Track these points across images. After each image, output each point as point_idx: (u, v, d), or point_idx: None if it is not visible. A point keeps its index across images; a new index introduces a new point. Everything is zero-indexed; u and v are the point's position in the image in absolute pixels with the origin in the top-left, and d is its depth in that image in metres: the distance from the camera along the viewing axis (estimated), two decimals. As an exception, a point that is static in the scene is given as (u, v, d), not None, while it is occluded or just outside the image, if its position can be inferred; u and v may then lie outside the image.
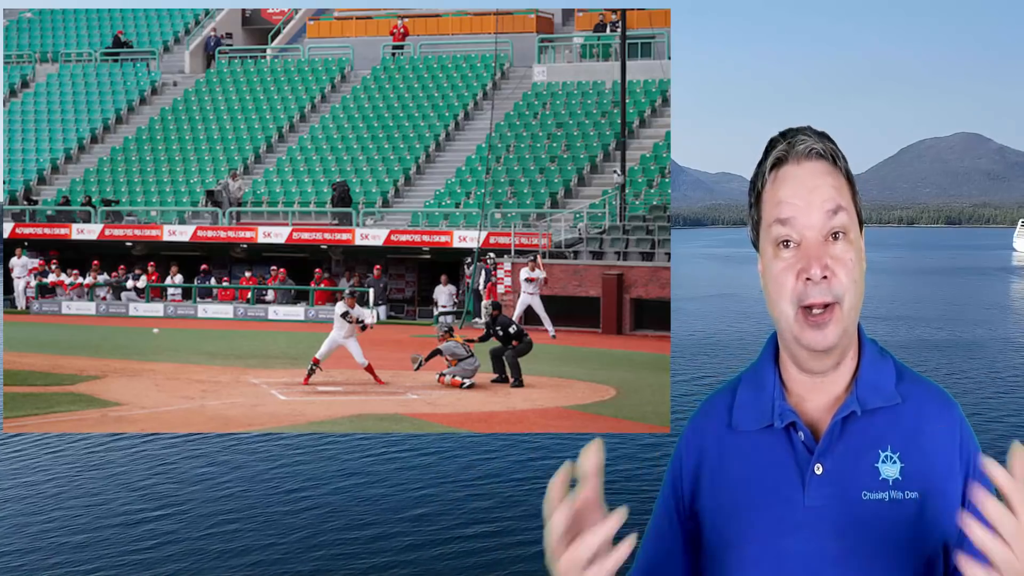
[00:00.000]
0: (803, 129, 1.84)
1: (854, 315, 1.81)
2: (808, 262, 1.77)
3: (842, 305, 1.77)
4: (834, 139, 1.85)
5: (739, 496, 1.86)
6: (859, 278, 1.80)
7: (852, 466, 1.79)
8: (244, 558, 11.60)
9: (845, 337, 1.81)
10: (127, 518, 13.07)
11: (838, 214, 1.78)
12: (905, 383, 1.88)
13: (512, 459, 15.73)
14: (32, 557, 11.71)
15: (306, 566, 11.35)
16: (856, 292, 1.80)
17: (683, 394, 20.33)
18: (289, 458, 15.98)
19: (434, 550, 11.81)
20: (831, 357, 1.82)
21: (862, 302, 1.84)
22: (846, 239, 1.79)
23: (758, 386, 1.92)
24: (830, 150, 1.82)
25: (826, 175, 1.80)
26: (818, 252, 1.77)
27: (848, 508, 1.77)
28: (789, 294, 1.79)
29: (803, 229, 1.78)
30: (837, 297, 1.77)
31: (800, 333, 1.80)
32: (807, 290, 1.77)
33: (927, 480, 1.79)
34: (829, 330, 1.77)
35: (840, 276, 1.77)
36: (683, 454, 1.98)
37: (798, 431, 1.84)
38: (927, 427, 1.83)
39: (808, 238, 1.78)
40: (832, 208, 1.78)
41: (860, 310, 1.84)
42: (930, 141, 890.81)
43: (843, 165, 1.83)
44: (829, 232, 1.78)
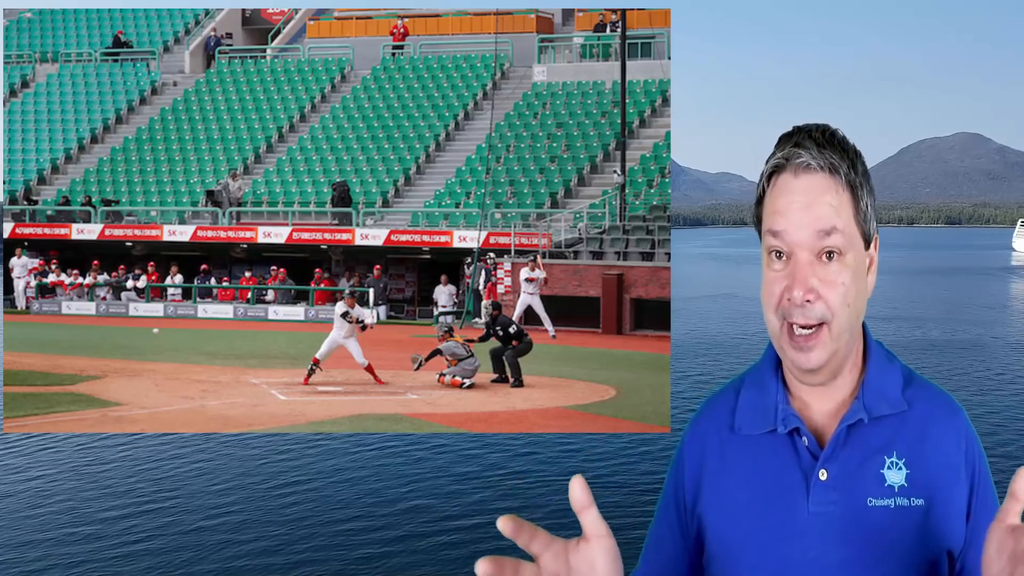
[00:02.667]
0: (811, 134, 1.76)
1: (847, 337, 1.76)
2: (793, 282, 1.73)
3: (830, 327, 1.72)
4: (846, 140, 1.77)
5: (741, 500, 1.83)
6: (855, 300, 1.74)
7: (857, 472, 1.77)
8: (244, 557, 11.61)
9: (835, 358, 1.76)
10: (126, 519, 13.07)
11: (831, 235, 1.72)
12: (912, 389, 1.85)
13: (512, 458, 15.74)
14: (33, 556, 11.72)
15: (301, 556, 11.36)
16: (848, 314, 1.74)
17: (683, 394, 20.34)
18: (289, 457, 15.98)
19: (428, 540, 11.82)
20: (820, 375, 1.78)
21: (862, 318, 1.80)
22: (840, 260, 1.73)
23: (761, 389, 1.90)
24: (830, 164, 1.73)
25: (824, 192, 1.72)
26: (803, 273, 1.72)
27: (853, 514, 1.76)
28: (775, 306, 1.76)
29: (793, 246, 1.73)
30: (823, 319, 1.72)
31: (786, 349, 1.77)
32: (791, 309, 1.73)
33: (933, 487, 1.77)
34: (814, 354, 1.73)
35: (828, 298, 1.71)
36: (684, 457, 1.95)
37: (802, 436, 1.82)
38: (933, 433, 1.81)
39: (798, 256, 1.73)
40: (825, 229, 1.71)
41: (857, 329, 1.80)
42: (930, 141, 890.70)
43: (847, 177, 1.74)
44: (821, 252, 1.72)
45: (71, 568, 11.31)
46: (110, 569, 11.30)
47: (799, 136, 1.76)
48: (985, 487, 1.82)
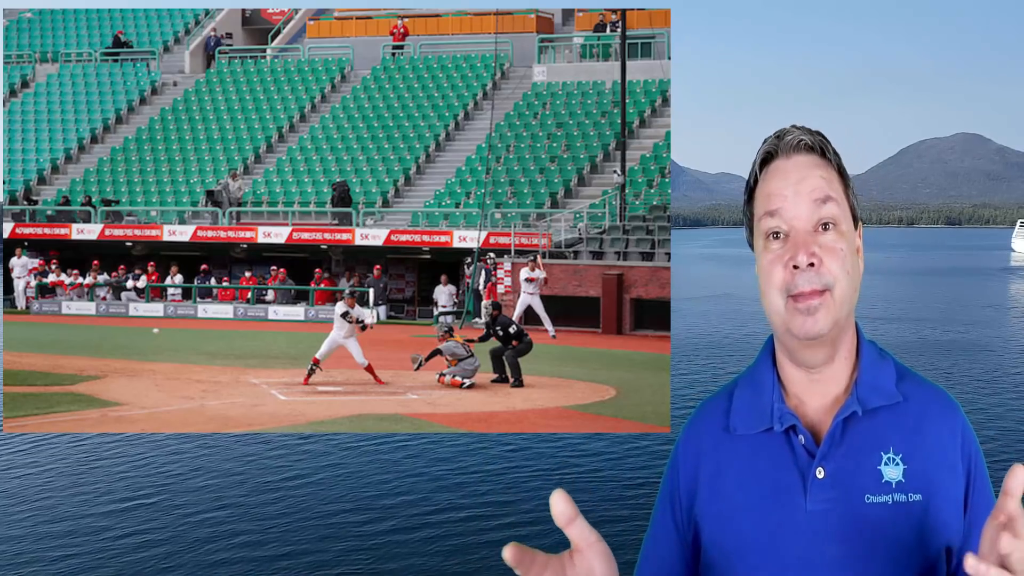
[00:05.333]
0: (795, 126, 1.85)
1: (847, 306, 1.78)
2: (795, 251, 1.75)
3: (833, 293, 1.75)
4: (827, 137, 1.85)
5: (738, 502, 1.83)
6: (852, 269, 1.78)
7: (854, 469, 1.77)
8: (245, 558, 11.61)
9: (836, 328, 1.77)
10: (126, 519, 13.08)
11: (827, 204, 1.77)
12: (906, 383, 1.86)
13: (510, 457, 15.74)
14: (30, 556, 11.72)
15: (296, 547, 11.36)
16: (848, 282, 1.77)
17: (683, 394, 20.34)
18: (288, 456, 15.98)
19: (420, 532, 11.83)
20: (823, 347, 1.79)
21: (857, 295, 1.81)
22: (836, 230, 1.77)
23: (756, 389, 1.90)
24: (819, 143, 1.81)
25: (815, 167, 1.80)
26: (806, 241, 1.76)
27: (851, 511, 1.75)
28: (778, 284, 1.77)
29: (791, 219, 1.77)
30: (827, 285, 1.74)
31: (790, 321, 1.77)
32: (795, 279, 1.75)
33: (930, 482, 1.77)
34: (819, 316, 1.74)
35: (829, 264, 1.75)
36: (679, 461, 1.95)
37: (798, 434, 1.81)
38: (929, 428, 1.81)
39: (797, 228, 1.77)
40: (820, 198, 1.77)
41: (854, 303, 1.82)
42: (930, 141, 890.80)
43: (834, 159, 1.82)
44: (818, 222, 1.77)
45: (70, 568, 11.31)
46: (109, 568, 11.31)
47: (782, 129, 1.85)
48: (982, 482, 1.82)
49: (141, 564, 11.43)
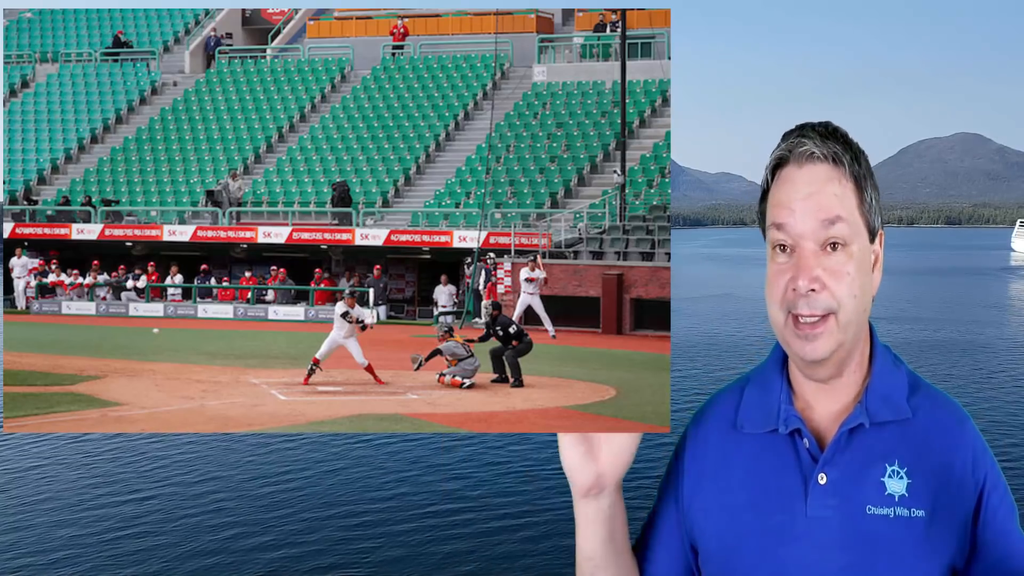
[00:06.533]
0: (814, 127, 1.77)
1: (852, 328, 1.73)
2: (797, 272, 1.71)
3: (837, 317, 1.71)
4: (848, 137, 1.77)
5: (740, 500, 1.82)
6: (860, 291, 1.73)
7: (857, 478, 1.74)
8: (242, 552, 11.61)
9: (842, 350, 1.74)
10: (124, 517, 13.08)
11: (836, 224, 1.71)
12: (918, 396, 1.82)
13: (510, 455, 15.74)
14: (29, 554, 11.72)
15: (296, 547, 11.37)
16: (855, 305, 1.72)
17: (683, 394, 20.34)
18: (288, 457, 15.98)
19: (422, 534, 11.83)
20: (826, 368, 1.76)
21: (867, 314, 1.77)
22: (845, 250, 1.72)
23: (765, 388, 1.88)
24: (833, 153, 1.73)
25: (827, 181, 1.72)
26: (808, 263, 1.71)
27: (851, 521, 1.73)
28: (779, 299, 1.74)
29: (797, 237, 1.72)
30: (829, 309, 1.70)
31: (790, 341, 1.74)
32: (796, 300, 1.71)
33: (936, 499, 1.73)
34: (819, 343, 1.71)
35: (833, 288, 1.70)
36: (685, 451, 1.94)
37: (803, 438, 1.79)
38: (938, 444, 1.77)
39: (802, 247, 1.72)
40: (829, 218, 1.71)
41: (864, 321, 1.77)
42: (930, 141, 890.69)
43: (851, 168, 1.74)
44: (826, 242, 1.71)
45: (70, 568, 11.32)
46: (109, 567, 11.31)
47: (802, 130, 1.77)
48: (997, 499, 1.77)
49: (141, 564, 11.43)
